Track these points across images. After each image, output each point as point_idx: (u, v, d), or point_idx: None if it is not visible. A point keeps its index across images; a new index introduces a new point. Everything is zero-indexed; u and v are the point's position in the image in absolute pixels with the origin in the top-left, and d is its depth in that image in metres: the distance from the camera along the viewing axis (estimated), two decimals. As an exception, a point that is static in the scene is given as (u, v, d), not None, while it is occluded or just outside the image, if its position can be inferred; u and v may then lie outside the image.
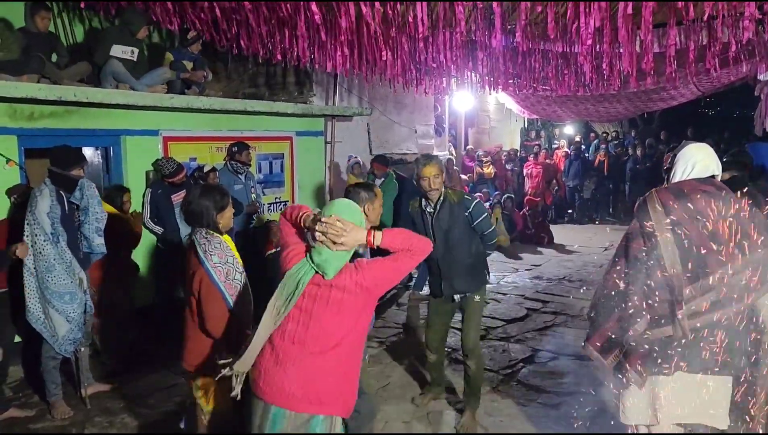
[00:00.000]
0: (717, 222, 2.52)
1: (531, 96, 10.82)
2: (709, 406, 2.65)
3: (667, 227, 2.54)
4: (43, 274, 4.06)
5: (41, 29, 5.58)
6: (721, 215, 2.54)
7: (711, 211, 2.54)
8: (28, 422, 4.22)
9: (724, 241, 2.51)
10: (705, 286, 2.49)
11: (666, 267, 2.51)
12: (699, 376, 2.61)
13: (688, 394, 2.63)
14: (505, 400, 4.52)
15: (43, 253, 4.04)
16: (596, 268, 8.38)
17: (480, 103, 14.75)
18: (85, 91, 5.24)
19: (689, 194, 2.59)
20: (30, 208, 4.06)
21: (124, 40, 5.88)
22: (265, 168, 7.62)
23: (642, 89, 9.14)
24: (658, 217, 2.57)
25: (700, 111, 16.69)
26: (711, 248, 2.50)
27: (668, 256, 2.51)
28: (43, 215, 4.03)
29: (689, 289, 2.50)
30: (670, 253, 2.51)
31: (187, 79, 6.64)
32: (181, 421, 3.13)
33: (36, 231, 4.03)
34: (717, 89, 10.14)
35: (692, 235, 2.52)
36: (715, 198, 2.58)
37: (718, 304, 2.52)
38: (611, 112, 11.92)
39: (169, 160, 5.76)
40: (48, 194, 4.08)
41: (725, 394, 2.67)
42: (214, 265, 2.91)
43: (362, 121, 9.73)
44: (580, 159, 13.60)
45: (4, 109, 5.04)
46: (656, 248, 2.54)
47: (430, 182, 3.86)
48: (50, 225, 4.05)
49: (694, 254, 2.51)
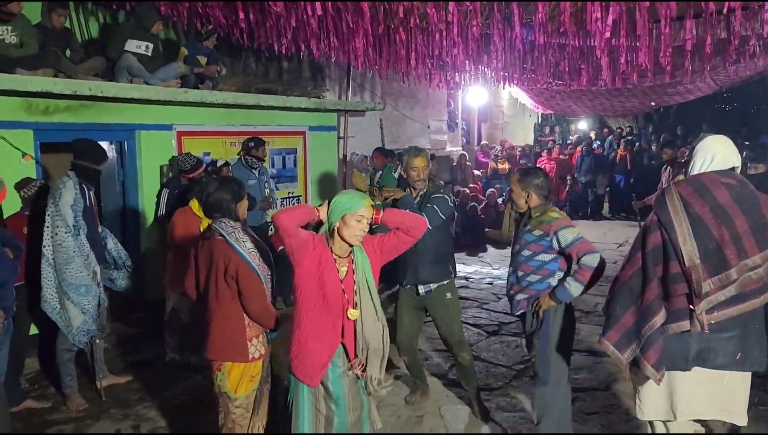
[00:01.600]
0: (737, 215, 2.48)
1: (545, 90, 10.76)
2: (727, 402, 2.61)
3: (685, 220, 2.50)
4: (61, 266, 4.08)
5: (57, 25, 5.62)
6: (742, 208, 2.50)
7: (731, 204, 2.50)
8: (44, 414, 4.26)
9: (744, 234, 2.47)
10: (724, 279, 2.45)
11: (684, 260, 2.47)
12: (717, 372, 2.57)
13: (705, 389, 2.60)
14: (518, 395, 4.49)
15: (63, 245, 4.06)
16: (610, 264, 8.25)
17: (493, 98, 14.69)
18: (99, 86, 5.27)
19: (709, 187, 2.56)
20: (53, 200, 4.07)
21: (138, 35, 5.91)
22: (278, 163, 7.63)
23: (658, 83, 9.04)
24: (677, 210, 2.53)
25: (717, 106, 16.44)
26: (730, 242, 2.45)
27: (687, 250, 2.47)
28: (67, 207, 4.05)
29: (708, 282, 2.46)
30: (688, 246, 2.47)
31: (201, 73, 6.65)
32: None
33: (58, 222, 4.04)
34: (734, 83, 10.02)
35: (711, 229, 2.48)
36: (736, 190, 2.54)
37: (737, 299, 2.48)
38: (626, 106, 11.81)
39: (188, 155, 5.75)
40: (72, 186, 4.11)
41: (744, 390, 2.63)
42: (248, 250, 3.01)
43: (375, 117, 9.72)
44: (592, 154, 13.48)
45: (19, 104, 5.08)
46: (674, 242, 2.50)
47: (419, 173, 3.91)
48: (73, 217, 4.08)
49: (713, 248, 2.47)
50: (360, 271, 2.79)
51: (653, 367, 2.54)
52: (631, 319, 2.61)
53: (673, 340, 2.56)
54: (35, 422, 4.14)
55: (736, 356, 2.53)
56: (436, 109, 12.06)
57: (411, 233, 2.83)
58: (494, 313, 6.49)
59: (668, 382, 2.61)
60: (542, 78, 7.42)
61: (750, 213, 2.50)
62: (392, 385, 2.97)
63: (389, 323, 2.91)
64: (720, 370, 2.56)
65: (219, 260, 3.00)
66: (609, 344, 2.65)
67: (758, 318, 2.58)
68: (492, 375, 4.88)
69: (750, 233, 2.47)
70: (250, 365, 3.04)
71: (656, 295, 2.54)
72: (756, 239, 2.46)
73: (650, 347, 2.54)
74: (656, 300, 2.54)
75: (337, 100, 8.60)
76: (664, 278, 2.54)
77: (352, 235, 2.71)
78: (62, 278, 4.09)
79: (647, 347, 2.55)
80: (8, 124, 5.01)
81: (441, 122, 12.33)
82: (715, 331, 2.52)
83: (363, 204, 2.72)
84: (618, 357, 2.64)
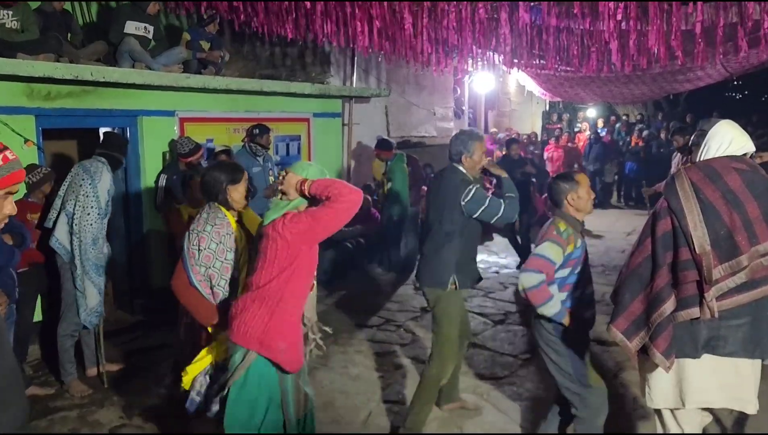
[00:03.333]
0: (749, 201, 2.42)
1: (553, 77, 10.60)
2: (737, 390, 2.56)
3: (696, 206, 2.45)
4: (87, 246, 4.21)
5: (57, 9, 5.57)
6: (754, 194, 2.44)
7: (743, 189, 2.44)
8: (47, 400, 4.25)
9: (756, 220, 2.41)
10: (734, 266, 2.40)
11: (695, 247, 2.41)
12: (727, 360, 2.52)
13: (715, 378, 2.54)
14: (524, 385, 4.45)
15: (94, 225, 4.22)
16: (618, 253, 8.23)
17: (500, 85, 14.54)
18: (101, 71, 5.22)
19: (721, 172, 2.50)
20: (90, 181, 4.20)
21: (137, 17, 5.86)
22: (282, 149, 7.56)
23: (668, 70, 8.90)
24: (687, 195, 2.48)
25: (727, 94, 16.27)
26: (741, 228, 2.40)
27: (697, 236, 2.41)
28: (104, 191, 4.25)
29: (718, 269, 2.40)
30: (699, 232, 2.41)
31: (204, 59, 6.59)
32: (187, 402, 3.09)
33: (92, 203, 4.19)
34: (746, 70, 9.83)
35: (722, 215, 2.42)
36: (747, 176, 2.48)
37: (747, 286, 2.43)
38: (636, 93, 11.63)
39: (187, 139, 5.71)
40: (107, 172, 4.29)
41: (754, 378, 2.58)
42: (202, 231, 3.02)
43: (380, 103, 9.63)
44: (600, 142, 13.34)
45: (21, 89, 5.03)
46: (685, 228, 2.44)
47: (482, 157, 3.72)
48: (107, 202, 4.27)
49: (724, 234, 2.41)
50: None
51: (663, 355, 2.48)
52: (641, 306, 2.55)
53: (683, 328, 2.51)
54: (38, 409, 4.12)
55: (746, 344, 2.48)
56: (443, 95, 11.94)
57: (336, 200, 2.61)
58: (500, 302, 6.44)
59: (678, 369, 2.56)
60: (551, 63, 7.29)
61: (762, 199, 2.43)
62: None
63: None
64: (730, 357, 2.51)
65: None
66: (618, 332, 2.60)
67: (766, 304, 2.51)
68: (498, 364, 4.84)
69: (762, 219, 2.41)
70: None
71: (666, 282, 2.49)
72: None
73: (659, 335, 2.49)
74: (666, 287, 2.48)
75: (341, 86, 8.51)
76: (674, 265, 2.48)
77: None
78: (86, 258, 4.22)
79: (656, 335, 2.49)
80: (10, 110, 4.96)
81: (447, 109, 12.21)
82: (725, 318, 2.47)
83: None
84: (626, 345, 2.58)
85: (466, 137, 3.69)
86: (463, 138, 3.68)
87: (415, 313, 6.11)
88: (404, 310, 6.22)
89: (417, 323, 5.80)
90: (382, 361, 4.91)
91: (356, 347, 5.17)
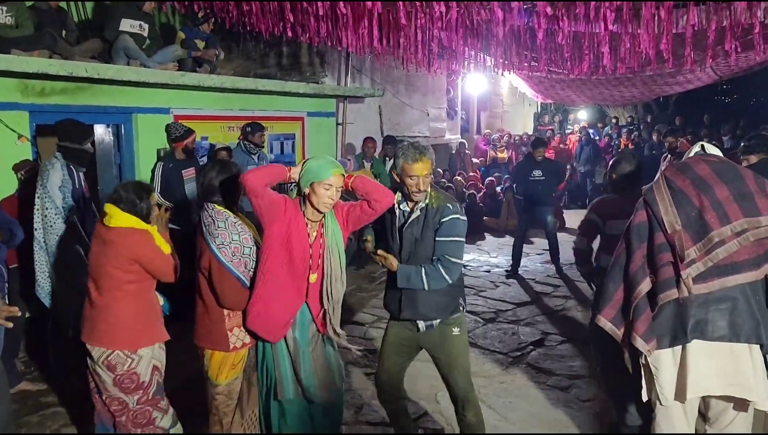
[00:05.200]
0: (717, 184, 2.55)
1: (545, 79, 10.67)
2: (734, 376, 2.56)
3: (667, 194, 2.61)
4: (52, 248, 4.07)
5: (51, 5, 5.57)
6: (723, 179, 2.57)
7: (712, 175, 2.59)
8: (39, 396, 4.25)
9: (726, 200, 2.52)
10: (707, 243, 2.49)
11: (666, 228, 2.55)
12: (720, 344, 2.55)
13: (711, 364, 2.57)
14: (514, 382, 4.50)
15: (54, 226, 4.04)
16: (608, 253, 8.26)
17: (493, 86, 14.63)
18: (96, 68, 5.22)
19: (691, 164, 2.69)
20: (41, 182, 4.06)
21: (132, 14, 5.87)
22: (277, 148, 7.59)
23: (659, 72, 8.99)
24: (660, 187, 2.65)
25: (717, 97, 16.40)
26: (710, 208, 2.51)
27: (668, 219, 2.55)
28: (55, 189, 4.05)
29: (692, 249, 2.50)
30: (670, 215, 2.56)
31: (199, 57, 6.60)
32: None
33: (47, 204, 4.03)
34: (735, 74, 9.96)
35: (692, 198, 2.56)
36: (716, 166, 2.64)
37: (731, 269, 2.50)
38: (626, 96, 11.74)
39: (178, 123, 5.78)
40: (59, 168, 4.09)
41: (755, 363, 2.57)
42: (218, 246, 2.91)
43: (374, 103, 9.67)
44: (591, 144, 13.45)
45: (15, 85, 5.03)
46: (657, 214, 2.59)
47: (419, 182, 2.91)
48: (61, 199, 4.07)
49: (694, 215, 2.54)
50: (330, 236, 2.85)
51: (642, 338, 2.55)
52: (622, 293, 2.67)
53: (671, 314, 2.57)
54: (30, 404, 4.13)
55: (733, 327, 2.53)
56: (436, 96, 12.00)
57: (374, 206, 2.81)
58: (491, 301, 6.50)
59: (674, 360, 2.62)
60: (543, 65, 7.35)
61: (733, 183, 2.56)
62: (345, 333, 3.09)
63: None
64: (719, 341, 2.55)
65: (198, 250, 3.01)
66: (606, 321, 2.69)
67: (758, 290, 2.58)
68: (489, 362, 4.89)
69: (732, 200, 2.51)
70: (230, 354, 3.02)
71: (639, 265, 2.61)
72: (740, 206, 2.50)
73: (638, 318, 2.57)
74: (640, 270, 2.60)
75: (335, 86, 8.54)
76: (650, 250, 2.61)
77: (321, 202, 2.76)
78: (53, 260, 4.08)
79: (636, 318, 2.58)
80: (4, 106, 4.97)
81: (440, 110, 12.27)
82: (712, 301, 2.54)
83: (331, 172, 2.72)
84: (616, 333, 2.68)
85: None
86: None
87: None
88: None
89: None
90: (374, 358, 4.94)
91: (349, 344, 5.19)
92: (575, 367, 4.75)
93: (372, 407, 4.09)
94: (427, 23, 5.68)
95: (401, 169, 2.95)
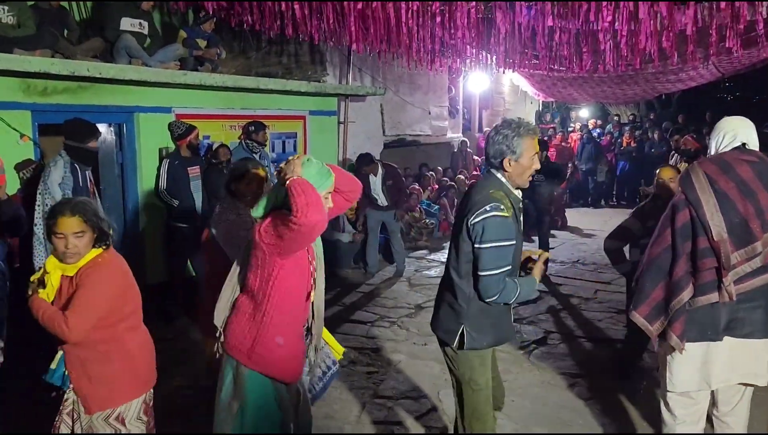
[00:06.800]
0: (760, 190, 2.60)
1: (547, 77, 10.67)
2: (750, 366, 2.74)
3: (712, 197, 2.61)
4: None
5: (53, 5, 5.58)
6: (764, 184, 2.61)
7: (755, 180, 2.61)
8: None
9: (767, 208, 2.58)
10: (750, 252, 2.58)
11: (713, 235, 2.58)
12: (746, 341, 2.69)
13: (732, 356, 2.71)
14: (516, 380, 4.50)
15: None
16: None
17: (495, 85, 14.60)
18: (98, 67, 5.23)
19: (732, 164, 2.67)
20: (42, 178, 4.09)
21: (131, 13, 5.88)
22: (278, 147, 7.59)
23: (661, 70, 8.98)
24: (703, 186, 2.64)
25: (719, 95, 16.37)
26: (755, 216, 2.57)
27: (715, 225, 2.58)
28: (55, 185, 4.11)
29: (735, 255, 2.58)
30: (716, 221, 2.58)
31: (200, 56, 6.61)
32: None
33: (47, 201, 4.08)
34: (738, 71, 9.94)
35: (737, 204, 2.59)
36: (757, 167, 2.65)
37: (762, 270, 2.62)
38: (628, 94, 11.73)
39: (180, 121, 5.82)
40: (62, 165, 4.14)
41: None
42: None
43: (375, 102, 9.66)
44: (593, 142, 13.42)
45: (17, 84, 5.04)
46: (702, 218, 2.60)
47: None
48: (61, 195, 4.11)
49: (738, 222, 2.58)
50: (317, 244, 2.62)
51: (678, 338, 2.68)
52: (661, 293, 2.74)
53: (704, 313, 2.68)
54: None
55: (762, 324, 2.67)
56: (438, 95, 11.98)
57: (347, 196, 2.66)
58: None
59: (701, 354, 2.73)
60: (544, 63, 7.34)
61: None
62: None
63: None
64: (747, 338, 2.69)
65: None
66: (640, 317, 2.79)
67: None
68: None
69: None
70: None
71: (685, 270, 2.66)
72: None
73: (677, 320, 2.68)
74: (685, 276, 2.66)
75: (337, 85, 8.53)
76: (693, 253, 2.65)
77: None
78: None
79: (674, 320, 2.69)
80: (6, 105, 4.97)
81: (442, 108, 12.25)
82: (742, 301, 2.65)
83: (332, 180, 2.49)
84: (648, 328, 2.78)
85: (510, 132, 2.59)
86: (506, 132, 2.60)
87: (409, 309, 6.16)
88: (398, 306, 6.26)
89: (411, 320, 5.84)
90: (376, 356, 4.95)
91: (351, 343, 5.20)
92: (577, 365, 4.75)
93: (374, 406, 4.09)
94: (429, 21, 5.68)
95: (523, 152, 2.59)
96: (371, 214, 7.35)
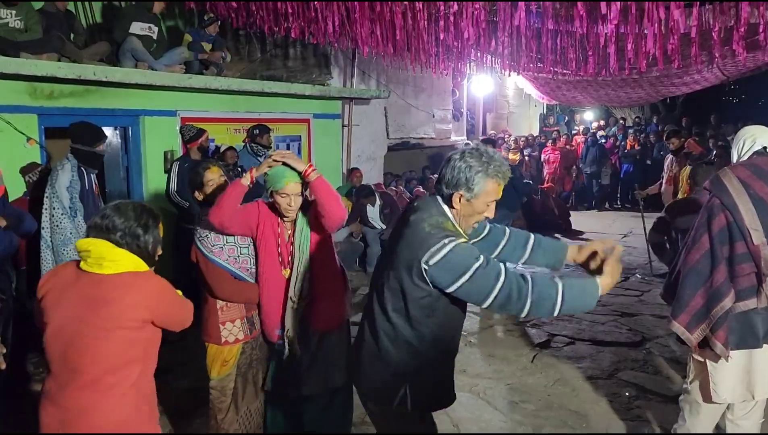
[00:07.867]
0: None
1: (551, 80, 10.66)
2: None
3: (748, 201, 2.60)
4: (58, 248, 4.11)
5: (60, 9, 5.62)
6: None
7: None
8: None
9: None
10: None
11: (752, 240, 2.56)
12: None
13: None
14: (520, 383, 4.50)
15: (60, 226, 4.10)
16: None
17: (499, 88, 14.60)
18: (104, 70, 5.26)
19: (766, 168, 2.66)
20: (50, 182, 4.11)
21: (141, 17, 5.91)
22: (283, 150, 7.60)
23: (665, 73, 8.96)
24: (739, 192, 2.62)
25: (724, 98, 16.35)
26: None
27: (753, 229, 2.57)
28: (63, 189, 4.10)
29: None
30: (754, 226, 2.57)
31: (205, 59, 6.64)
32: None
33: (54, 204, 4.09)
34: (743, 74, 9.91)
35: None
36: None
37: None
38: (632, 97, 11.70)
39: (189, 125, 5.85)
40: (69, 169, 4.15)
41: None
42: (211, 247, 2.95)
43: (379, 105, 9.68)
44: (597, 145, 13.40)
45: (24, 88, 5.07)
46: (740, 222, 2.59)
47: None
48: (69, 199, 4.12)
49: None
50: (299, 233, 2.87)
51: (723, 345, 2.63)
52: (701, 300, 2.69)
53: (743, 320, 2.66)
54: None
55: None
56: (441, 98, 12.00)
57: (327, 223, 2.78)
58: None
59: (744, 363, 2.69)
60: (548, 66, 7.33)
61: None
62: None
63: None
64: None
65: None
66: (680, 326, 2.74)
67: None
68: (494, 363, 4.88)
69: None
70: (223, 348, 3.00)
71: (726, 276, 2.63)
72: None
73: (720, 327, 2.64)
74: (726, 282, 2.63)
75: (341, 88, 8.56)
76: (730, 259, 2.63)
77: (281, 209, 2.81)
78: (60, 260, 4.10)
79: (717, 327, 2.64)
80: (13, 108, 5.01)
81: (446, 111, 12.27)
82: None
83: (283, 183, 2.71)
84: (689, 337, 2.72)
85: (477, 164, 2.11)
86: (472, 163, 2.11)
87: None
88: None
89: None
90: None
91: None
92: (582, 368, 4.74)
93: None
94: (433, 24, 5.69)
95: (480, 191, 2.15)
96: (368, 231, 7.56)
